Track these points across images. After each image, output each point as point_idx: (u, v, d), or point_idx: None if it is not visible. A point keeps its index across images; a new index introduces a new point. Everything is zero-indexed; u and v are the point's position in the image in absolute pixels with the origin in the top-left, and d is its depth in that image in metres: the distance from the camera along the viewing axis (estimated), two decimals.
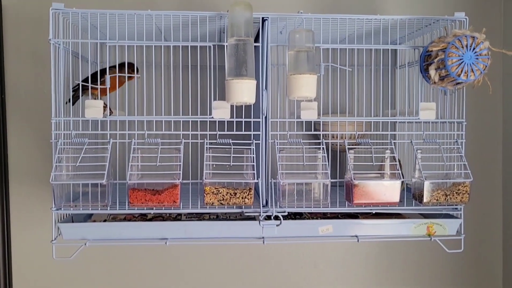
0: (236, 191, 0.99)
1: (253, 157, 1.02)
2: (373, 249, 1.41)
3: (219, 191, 0.99)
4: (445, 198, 1.03)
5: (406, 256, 1.42)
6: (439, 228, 1.09)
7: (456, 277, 1.44)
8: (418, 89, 1.09)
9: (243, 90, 0.97)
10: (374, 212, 1.07)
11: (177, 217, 1.16)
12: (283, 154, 1.04)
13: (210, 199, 0.99)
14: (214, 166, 1.02)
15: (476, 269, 1.44)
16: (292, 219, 1.15)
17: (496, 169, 1.42)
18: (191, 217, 1.16)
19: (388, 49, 1.27)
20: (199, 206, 1.03)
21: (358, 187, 1.01)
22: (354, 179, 1.01)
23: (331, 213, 1.13)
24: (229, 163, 1.00)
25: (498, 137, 1.42)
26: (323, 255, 1.38)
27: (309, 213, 1.18)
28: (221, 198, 0.99)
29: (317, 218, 1.15)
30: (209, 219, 1.13)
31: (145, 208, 1.00)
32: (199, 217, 1.15)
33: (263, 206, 1.05)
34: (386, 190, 1.02)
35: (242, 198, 0.99)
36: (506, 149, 1.40)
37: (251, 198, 1.00)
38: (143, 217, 1.17)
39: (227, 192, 0.99)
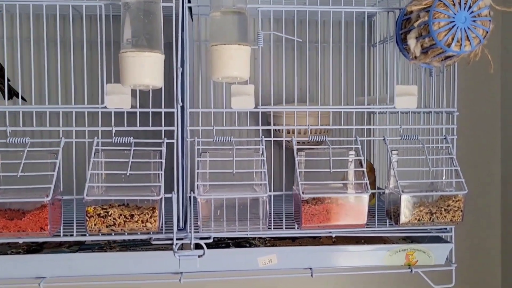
0: (133, 212, 0.69)
1: (161, 162, 0.72)
2: (342, 280, 1.12)
3: (108, 212, 0.69)
4: (430, 218, 0.75)
5: None
6: (422, 256, 0.80)
7: None
8: (394, 69, 0.80)
9: (143, 67, 0.68)
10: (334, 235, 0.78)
11: (79, 243, 0.86)
12: (205, 158, 0.74)
13: (95, 225, 0.69)
14: (104, 176, 0.72)
15: None
16: (235, 246, 0.86)
17: (493, 176, 1.13)
18: (98, 243, 0.86)
19: (353, 19, 0.98)
20: (88, 233, 0.73)
21: (308, 205, 0.72)
22: (303, 192, 0.72)
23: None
24: (126, 172, 0.71)
25: (495, 133, 1.13)
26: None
27: (259, 237, 0.89)
28: (112, 223, 0.69)
29: (267, 245, 0.86)
30: (124, 245, 0.84)
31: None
32: (110, 245, 0.85)
33: (179, 230, 0.76)
34: (349, 208, 0.73)
35: (143, 222, 0.69)
36: (505, 150, 1.12)
37: (155, 221, 0.70)
38: (34, 243, 0.86)
39: (120, 214, 0.69)
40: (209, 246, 0.78)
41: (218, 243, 0.90)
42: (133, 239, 0.87)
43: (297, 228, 0.75)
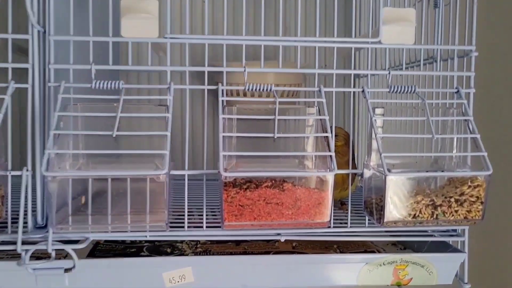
0: None
1: None
2: None
3: None
4: (433, 213, 0.47)
5: None
6: (418, 271, 0.52)
7: None
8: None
9: None
10: (283, 239, 0.50)
11: None
12: (72, 113, 0.46)
13: None
14: None
15: None
16: (152, 251, 0.58)
17: None
18: None
19: None
20: None
21: (235, 190, 0.44)
22: (226, 170, 0.44)
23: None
24: None
25: None
26: None
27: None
28: None
29: (197, 249, 0.58)
30: None
31: None
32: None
33: (38, 229, 0.48)
34: (302, 196, 0.45)
35: None
36: None
37: None
38: None
39: None
40: (112, 252, 0.50)
41: (128, 247, 0.63)
42: None
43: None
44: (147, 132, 0.46)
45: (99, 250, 0.61)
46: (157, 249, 0.63)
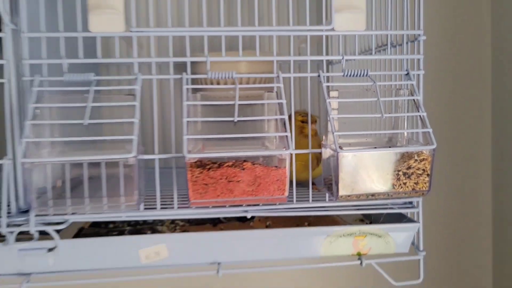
0: None
1: None
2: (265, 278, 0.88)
3: None
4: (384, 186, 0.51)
5: None
6: (376, 241, 0.57)
7: None
8: None
9: None
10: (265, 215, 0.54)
11: None
12: (46, 104, 0.50)
13: None
14: None
15: None
16: (133, 233, 0.62)
17: (482, 134, 0.89)
18: None
19: None
20: None
21: (198, 170, 0.48)
22: (189, 151, 0.48)
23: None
24: None
25: (484, 69, 0.89)
26: None
27: (171, 221, 0.66)
28: None
29: (176, 231, 0.63)
30: None
31: None
32: None
33: (22, 213, 0.52)
34: (261, 173, 0.49)
35: None
36: (497, 98, 0.88)
37: None
38: None
39: None
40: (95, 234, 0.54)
41: (111, 230, 0.67)
42: None
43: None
44: (116, 119, 0.49)
45: (83, 234, 0.65)
46: (138, 232, 0.67)
